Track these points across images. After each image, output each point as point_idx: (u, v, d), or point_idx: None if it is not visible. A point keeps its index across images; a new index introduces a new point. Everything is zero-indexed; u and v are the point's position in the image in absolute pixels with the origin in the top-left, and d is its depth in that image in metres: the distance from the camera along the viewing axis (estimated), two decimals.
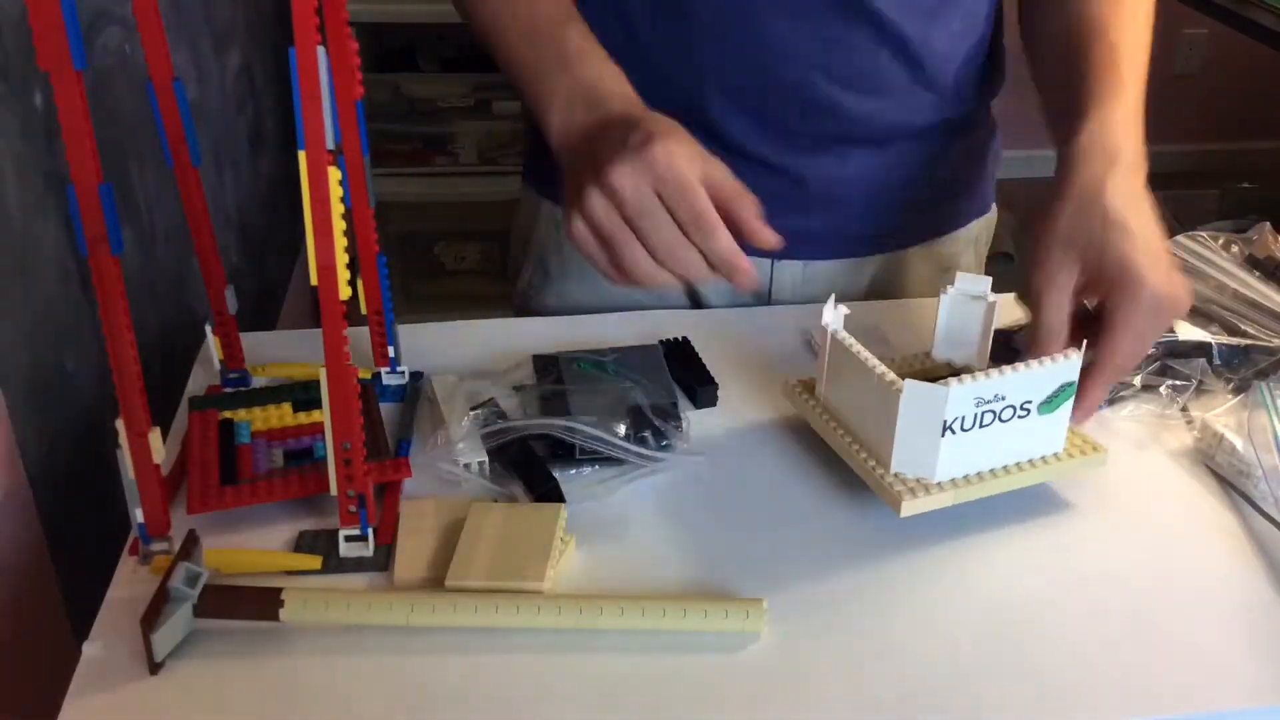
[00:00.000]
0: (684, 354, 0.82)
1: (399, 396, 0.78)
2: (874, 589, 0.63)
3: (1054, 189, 0.72)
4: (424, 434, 0.74)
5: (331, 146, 0.54)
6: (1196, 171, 3.36)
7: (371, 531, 0.63)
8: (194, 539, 0.60)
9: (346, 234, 0.56)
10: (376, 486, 0.66)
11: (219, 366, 0.78)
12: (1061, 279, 0.69)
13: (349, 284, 0.57)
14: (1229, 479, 0.71)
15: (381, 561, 0.63)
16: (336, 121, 0.65)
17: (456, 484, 0.69)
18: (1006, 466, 0.66)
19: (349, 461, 0.61)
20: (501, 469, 0.70)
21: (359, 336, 0.73)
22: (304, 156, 0.54)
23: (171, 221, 1.20)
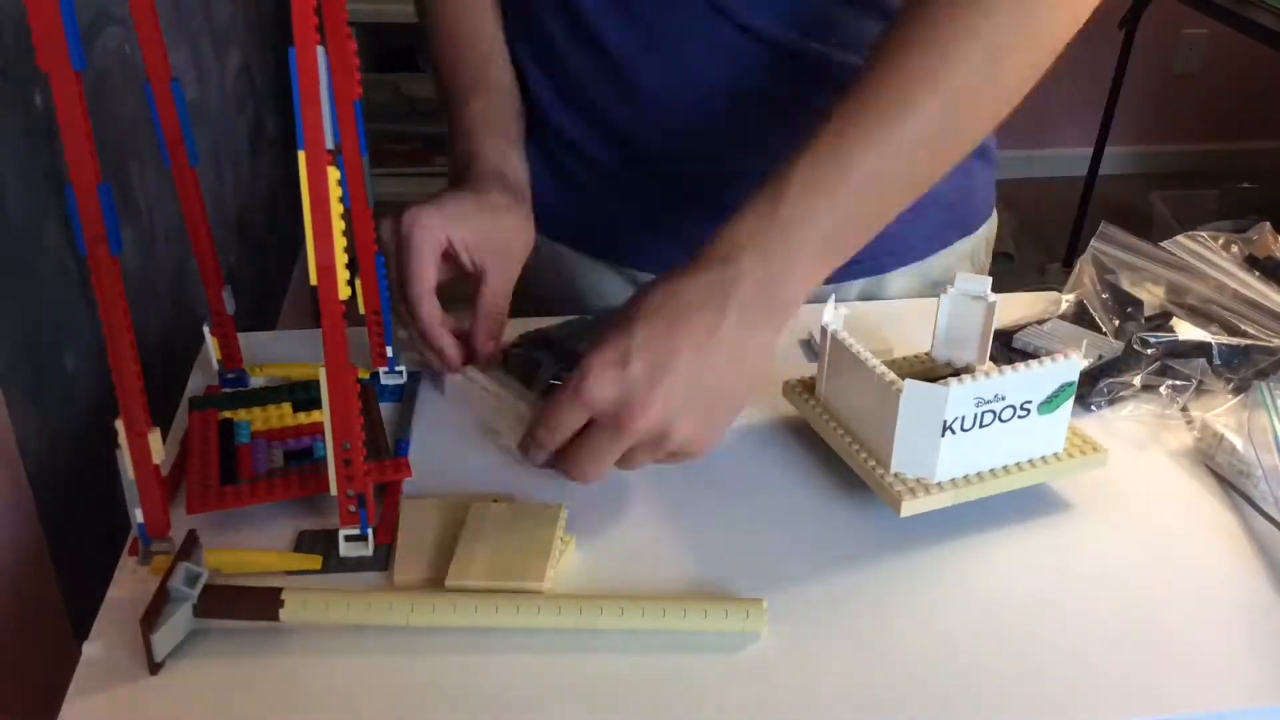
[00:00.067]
0: None
1: (397, 396, 0.78)
2: (874, 589, 0.63)
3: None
4: (423, 434, 0.74)
5: (331, 147, 0.54)
6: (1196, 171, 3.36)
7: (371, 531, 0.63)
8: (194, 539, 0.60)
9: (346, 234, 0.56)
10: (376, 486, 0.66)
11: (217, 367, 0.78)
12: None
13: (348, 284, 0.58)
14: (1229, 479, 0.71)
15: (381, 561, 0.63)
16: (335, 122, 0.65)
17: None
18: (1006, 466, 0.66)
19: (349, 461, 0.61)
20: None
21: (358, 336, 0.73)
22: (303, 157, 0.54)
23: (171, 221, 1.20)
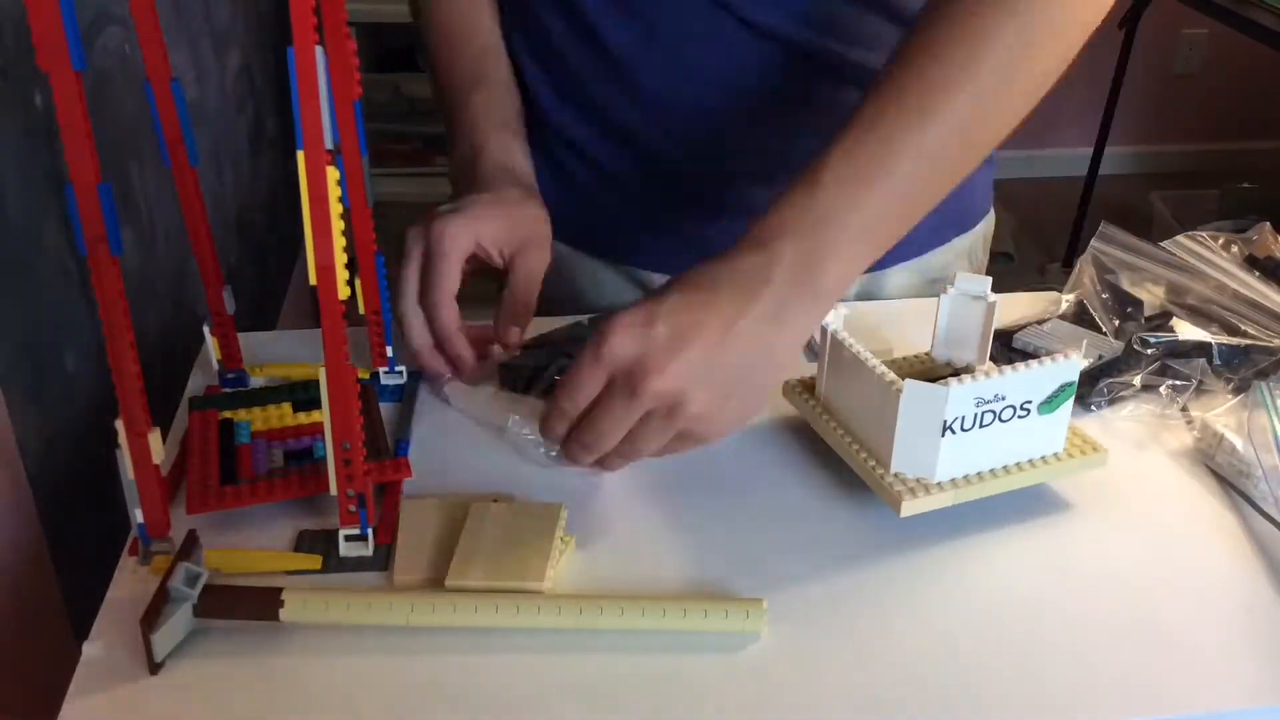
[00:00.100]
0: None
1: (396, 396, 0.78)
2: (874, 589, 0.63)
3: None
4: (422, 432, 0.74)
5: (330, 147, 0.54)
6: (1196, 171, 3.36)
7: (371, 531, 0.63)
8: (194, 539, 0.60)
9: (345, 234, 0.56)
10: (376, 486, 0.66)
11: (217, 367, 0.78)
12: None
13: (347, 284, 0.57)
14: (1229, 479, 0.71)
15: (381, 561, 0.63)
16: (335, 122, 0.65)
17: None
18: (1006, 466, 0.66)
19: (349, 461, 0.61)
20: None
21: (357, 336, 0.73)
22: (302, 156, 0.54)
23: (171, 221, 1.20)
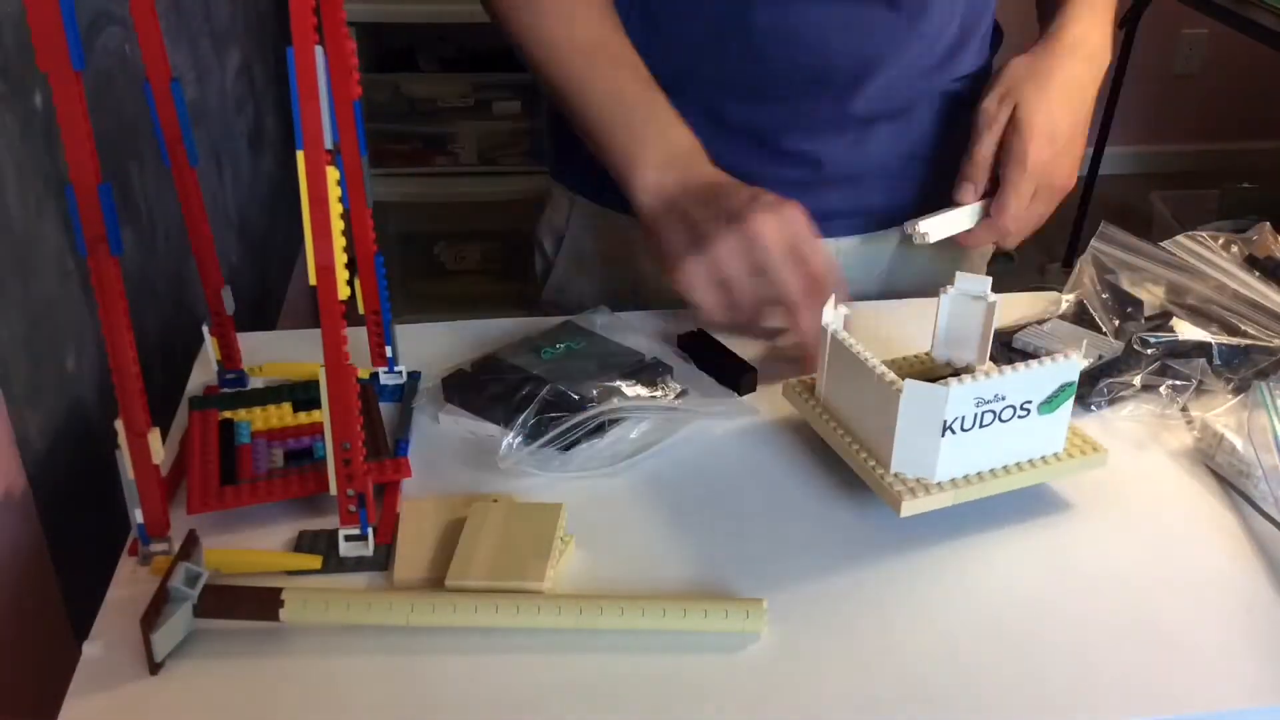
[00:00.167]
0: (707, 344, 0.82)
1: (396, 396, 0.78)
2: (874, 589, 0.63)
3: (1030, 49, 0.88)
4: (421, 431, 0.74)
5: (329, 146, 0.54)
6: (1196, 171, 3.36)
7: (371, 531, 0.63)
8: (194, 539, 0.60)
9: (345, 234, 0.56)
10: (376, 486, 0.66)
11: (217, 367, 0.78)
12: (998, 125, 0.85)
13: (347, 284, 0.57)
14: (1229, 479, 0.71)
15: (381, 561, 0.63)
16: (334, 122, 0.65)
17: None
18: (1006, 466, 0.66)
19: (349, 461, 0.61)
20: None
21: (357, 336, 0.73)
22: (302, 156, 0.54)
23: (171, 221, 1.20)
